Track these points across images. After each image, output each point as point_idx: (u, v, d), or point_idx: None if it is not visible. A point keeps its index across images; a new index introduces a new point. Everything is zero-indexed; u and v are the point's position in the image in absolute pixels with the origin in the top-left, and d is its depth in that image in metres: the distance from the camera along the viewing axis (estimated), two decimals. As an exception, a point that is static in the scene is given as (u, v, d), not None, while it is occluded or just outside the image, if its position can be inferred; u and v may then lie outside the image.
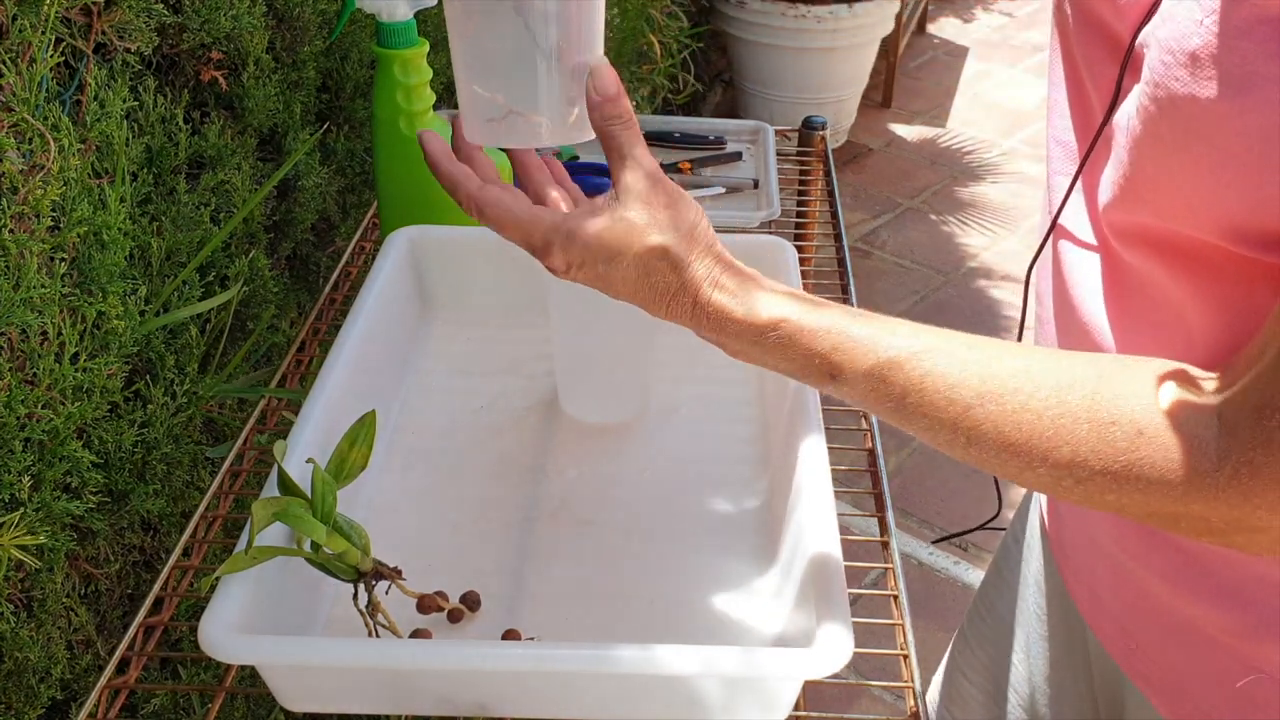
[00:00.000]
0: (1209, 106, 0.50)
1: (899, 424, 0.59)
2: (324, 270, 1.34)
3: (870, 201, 3.27)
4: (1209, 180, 0.52)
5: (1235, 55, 0.49)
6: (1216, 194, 0.52)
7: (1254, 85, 0.48)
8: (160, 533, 1.04)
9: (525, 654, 0.63)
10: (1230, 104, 0.49)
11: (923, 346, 0.57)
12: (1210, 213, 0.53)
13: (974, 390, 0.55)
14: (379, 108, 1.05)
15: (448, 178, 0.63)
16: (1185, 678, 0.68)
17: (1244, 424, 0.50)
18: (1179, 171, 0.53)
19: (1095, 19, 0.61)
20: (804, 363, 0.59)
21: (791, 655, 0.63)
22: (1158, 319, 0.60)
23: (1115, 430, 0.53)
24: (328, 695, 0.67)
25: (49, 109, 0.84)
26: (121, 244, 0.91)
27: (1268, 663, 0.63)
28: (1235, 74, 0.49)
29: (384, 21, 1.01)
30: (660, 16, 2.54)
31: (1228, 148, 0.50)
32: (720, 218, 1.23)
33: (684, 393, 0.95)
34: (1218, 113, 0.50)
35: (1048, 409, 0.54)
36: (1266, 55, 0.48)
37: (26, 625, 0.86)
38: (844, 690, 1.76)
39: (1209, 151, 0.51)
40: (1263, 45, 0.48)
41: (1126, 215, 0.59)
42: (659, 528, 0.81)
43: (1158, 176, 0.55)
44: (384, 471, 0.86)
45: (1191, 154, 0.52)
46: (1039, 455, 0.54)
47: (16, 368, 0.82)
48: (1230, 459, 0.50)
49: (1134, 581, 0.68)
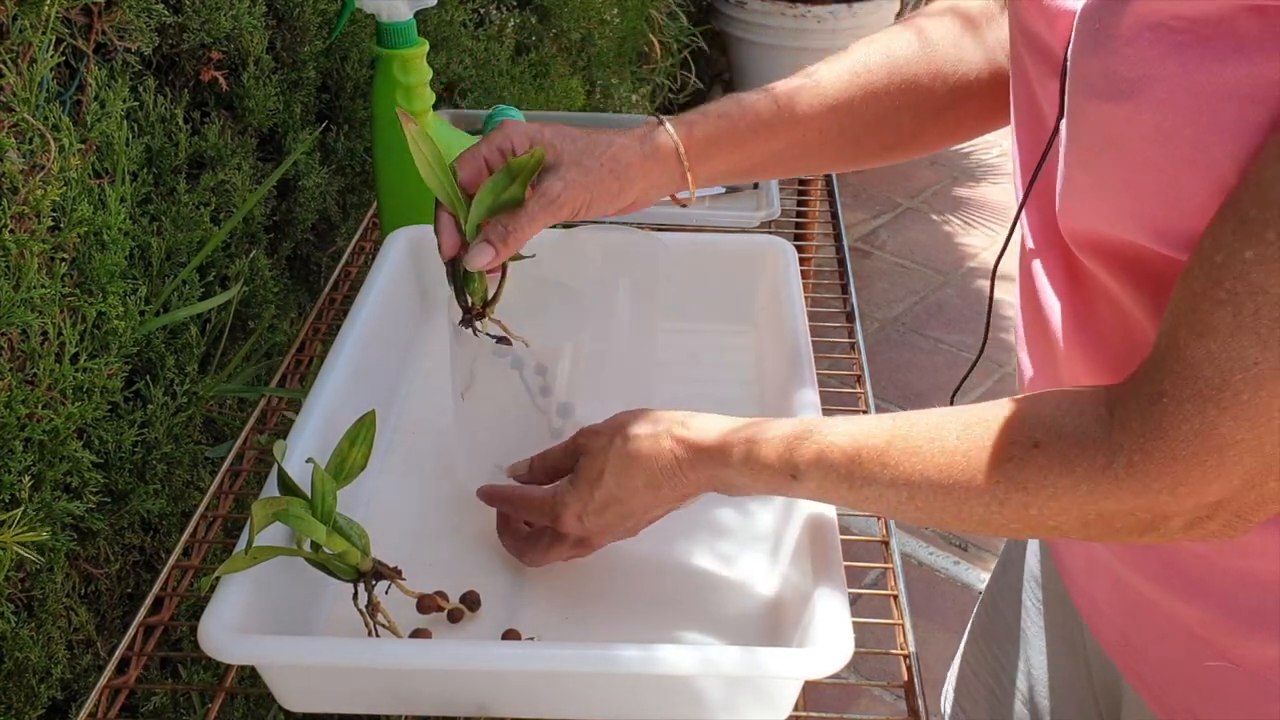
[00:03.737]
0: (1110, 112, 0.52)
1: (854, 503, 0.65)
2: (324, 270, 1.34)
3: (870, 201, 3.27)
4: (1124, 184, 0.54)
5: (1125, 61, 0.51)
6: (1134, 197, 0.54)
7: (1144, 88, 0.50)
8: (160, 532, 1.04)
9: (525, 654, 0.63)
10: (1125, 107, 0.51)
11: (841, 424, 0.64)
12: (1132, 216, 0.55)
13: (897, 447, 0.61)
14: (379, 107, 1.05)
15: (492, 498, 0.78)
16: (1171, 673, 0.69)
17: (1134, 415, 0.53)
18: (1100, 177, 0.55)
19: (1033, 34, 0.62)
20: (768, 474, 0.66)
21: (791, 655, 0.63)
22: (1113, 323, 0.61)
23: (1014, 449, 0.57)
24: (327, 695, 0.67)
25: (49, 109, 0.84)
26: (122, 244, 0.91)
27: (1242, 656, 0.63)
28: (1128, 79, 0.51)
29: (384, 21, 1.01)
30: (660, 17, 2.54)
31: (1133, 150, 0.52)
32: (720, 218, 1.23)
33: (684, 393, 0.95)
34: (1117, 117, 0.52)
35: (959, 446, 0.59)
36: (1151, 59, 0.50)
37: (27, 625, 0.86)
38: (844, 690, 1.75)
39: (1119, 156, 0.53)
40: (1147, 50, 0.50)
41: (1073, 223, 0.60)
42: (659, 528, 0.81)
43: (1086, 183, 0.57)
44: (384, 471, 0.86)
45: (1106, 159, 0.54)
46: (962, 488, 0.59)
47: (17, 368, 0.82)
48: (1123, 451, 0.53)
49: (1130, 587, 0.68)
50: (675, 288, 0.93)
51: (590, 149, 0.72)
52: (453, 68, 1.58)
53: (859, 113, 0.78)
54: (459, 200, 0.71)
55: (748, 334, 1.02)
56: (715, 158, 0.77)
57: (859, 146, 0.80)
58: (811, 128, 0.78)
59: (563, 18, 1.94)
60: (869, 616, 0.73)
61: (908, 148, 0.81)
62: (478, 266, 0.70)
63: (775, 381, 0.89)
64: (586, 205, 0.72)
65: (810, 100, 0.77)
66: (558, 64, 1.88)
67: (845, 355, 1.04)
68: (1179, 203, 0.52)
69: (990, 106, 0.78)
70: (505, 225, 0.70)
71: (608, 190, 0.73)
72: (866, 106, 0.77)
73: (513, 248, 0.71)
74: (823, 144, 0.79)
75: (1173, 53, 0.49)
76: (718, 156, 0.77)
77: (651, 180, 0.75)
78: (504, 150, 0.72)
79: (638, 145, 0.74)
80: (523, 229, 0.70)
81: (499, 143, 0.72)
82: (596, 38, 2.09)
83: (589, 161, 0.72)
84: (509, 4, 1.80)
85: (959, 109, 0.79)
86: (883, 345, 2.64)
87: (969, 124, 0.81)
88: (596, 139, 0.73)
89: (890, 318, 2.75)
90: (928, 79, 0.77)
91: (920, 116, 0.79)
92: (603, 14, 2.08)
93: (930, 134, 0.80)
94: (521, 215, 0.70)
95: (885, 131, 0.79)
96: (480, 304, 0.73)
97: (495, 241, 0.70)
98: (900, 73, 0.77)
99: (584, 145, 0.72)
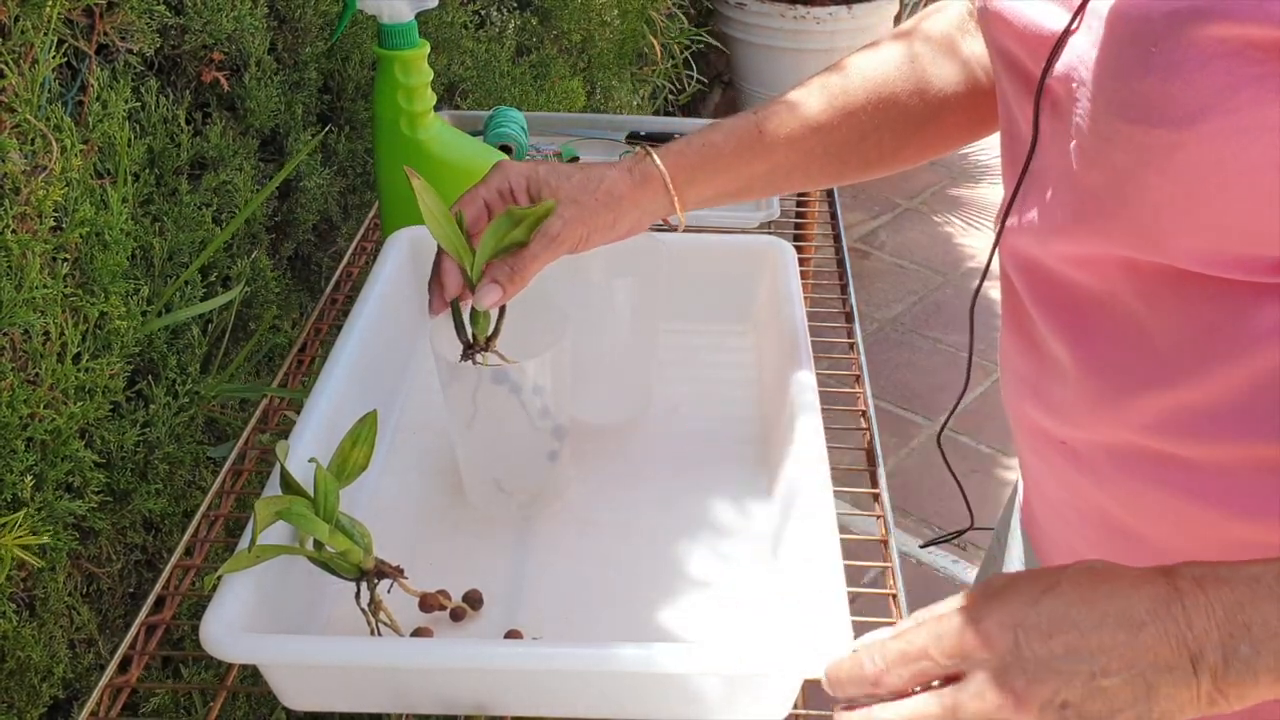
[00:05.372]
0: (1161, 137, 0.51)
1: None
2: (325, 271, 1.35)
3: (869, 202, 3.27)
4: (1166, 209, 0.53)
5: (1190, 87, 0.49)
6: (1174, 223, 0.53)
7: (1209, 116, 0.49)
8: (162, 532, 1.04)
9: (527, 653, 0.64)
10: (1184, 134, 0.50)
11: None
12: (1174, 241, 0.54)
13: None
14: (380, 108, 1.05)
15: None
16: None
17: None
18: (1135, 202, 0.54)
19: (1008, 54, 0.62)
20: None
21: (791, 654, 0.63)
22: (1119, 335, 0.61)
23: None
24: (329, 694, 0.68)
25: (51, 110, 0.84)
26: (124, 244, 0.91)
27: None
28: (1191, 106, 0.50)
29: (385, 23, 1.02)
30: (660, 18, 2.54)
31: (1181, 177, 0.51)
32: (720, 218, 1.24)
33: (684, 393, 0.95)
34: (1168, 142, 0.51)
35: None
36: (1221, 88, 0.49)
37: (29, 624, 0.86)
38: (843, 690, 1.75)
39: (1164, 182, 0.52)
40: (1218, 78, 0.49)
41: (1075, 247, 0.60)
42: (659, 528, 0.82)
43: (1110, 208, 0.56)
44: (386, 470, 0.87)
45: (1147, 184, 0.53)
46: None
47: (19, 368, 0.83)
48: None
49: None
50: (675, 288, 0.94)
51: (585, 185, 0.75)
52: (454, 69, 1.58)
53: (839, 133, 0.79)
54: (464, 246, 0.74)
55: (747, 334, 1.02)
56: (701, 184, 0.79)
57: (843, 164, 0.81)
58: (794, 150, 0.80)
59: (563, 19, 1.94)
60: (868, 615, 0.74)
61: (889, 163, 0.83)
62: (486, 305, 0.73)
63: (774, 381, 0.89)
64: (584, 239, 0.75)
65: (791, 124, 0.79)
66: (558, 65, 1.89)
67: (844, 355, 1.04)
68: (1228, 230, 0.52)
69: (970, 119, 0.80)
70: (510, 265, 0.73)
71: (603, 223, 0.75)
72: (847, 127, 0.79)
73: (519, 286, 0.73)
74: (807, 164, 0.81)
75: (1247, 84, 0.48)
76: (703, 182, 0.79)
77: (643, 209, 0.77)
78: (503, 192, 0.76)
79: (627, 177, 0.77)
80: (527, 268, 0.73)
81: (498, 185, 0.75)
82: (597, 39, 2.10)
83: (584, 198, 0.74)
84: (510, 5, 1.80)
85: (938, 122, 0.80)
86: (882, 345, 2.65)
87: (949, 137, 0.82)
88: (590, 174, 0.76)
89: (889, 318, 2.75)
90: (906, 96, 0.79)
91: (900, 133, 0.80)
92: (603, 16, 2.08)
93: (911, 149, 0.82)
94: (525, 255, 0.73)
95: (867, 148, 0.80)
96: (485, 339, 0.76)
97: (502, 281, 0.73)
98: (878, 92, 0.79)
99: (579, 182, 0.75)
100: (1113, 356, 0.61)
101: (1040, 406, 0.68)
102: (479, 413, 0.77)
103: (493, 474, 0.82)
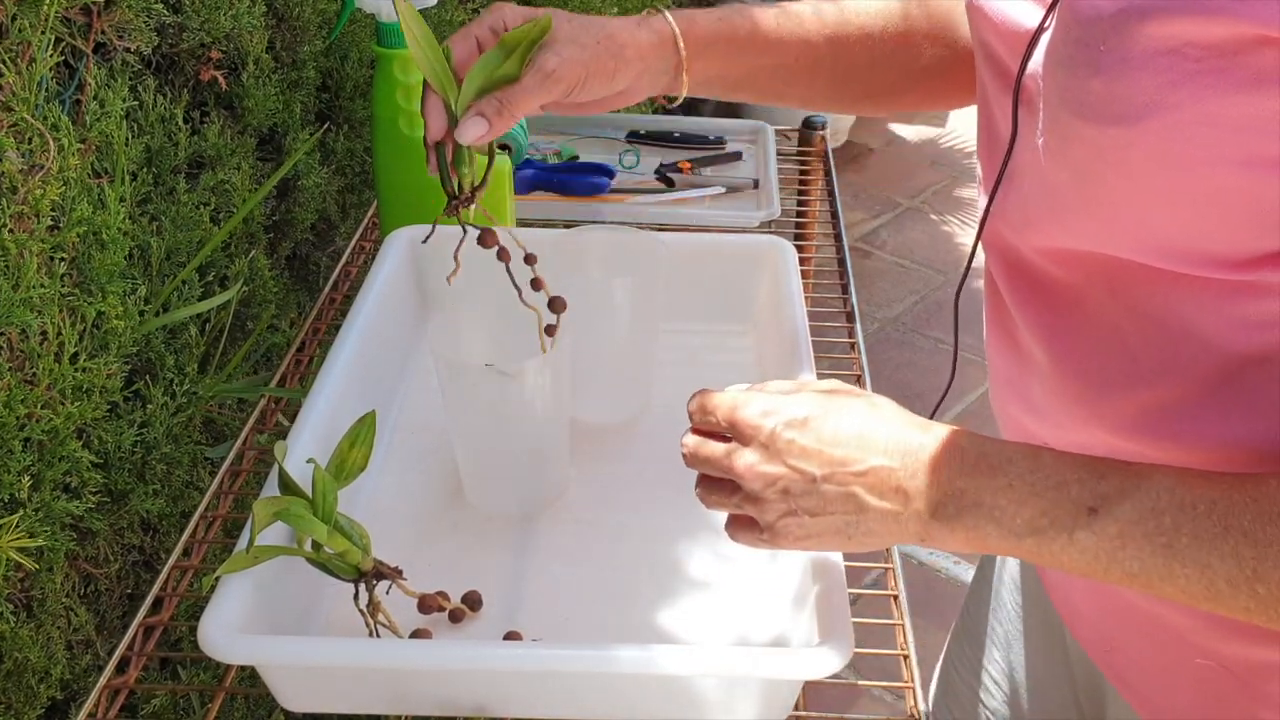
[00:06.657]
0: (1115, 135, 0.51)
1: (1159, 573, 0.51)
2: (324, 270, 1.34)
3: (870, 201, 3.27)
4: (1125, 205, 0.53)
5: (1135, 85, 0.50)
6: (1137, 219, 0.53)
7: (1153, 113, 0.49)
8: (160, 532, 1.04)
9: (527, 654, 0.63)
10: (1131, 131, 0.50)
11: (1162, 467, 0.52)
12: (1132, 236, 0.54)
13: (1259, 509, 0.50)
14: (379, 107, 1.05)
15: None
16: (1159, 677, 0.68)
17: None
18: (1092, 197, 0.55)
19: (989, 48, 0.62)
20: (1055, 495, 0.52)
21: (791, 655, 0.63)
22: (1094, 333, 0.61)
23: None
24: (328, 695, 0.67)
25: (49, 109, 0.84)
26: (121, 244, 0.91)
27: (1233, 659, 0.63)
28: (1137, 103, 0.50)
29: (384, 21, 1.01)
30: (660, 16, 2.54)
31: (1136, 174, 0.52)
32: (720, 218, 1.24)
33: (684, 393, 0.95)
34: (1119, 140, 0.51)
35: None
36: (1163, 85, 0.49)
37: (26, 625, 0.86)
38: (844, 690, 1.75)
39: (1120, 178, 0.53)
40: (1160, 76, 0.49)
41: (1048, 241, 0.60)
42: (659, 528, 0.81)
43: (1075, 205, 0.56)
44: (384, 471, 0.86)
45: (1103, 180, 0.53)
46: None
47: (16, 368, 0.82)
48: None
49: (1109, 589, 0.68)
50: (675, 288, 0.93)
51: (586, 26, 0.71)
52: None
53: (851, 51, 0.78)
54: (450, 81, 0.69)
55: (748, 334, 1.01)
56: (710, 58, 0.75)
57: (844, 86, 0.80)
58: (805, 53, 0.77)
59: (562, 18, 1.94)
60: (869, 616, 0.73)
61: (889, 101, 0.82)
62: (469, 140, 0.68)
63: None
64: (582, 82, 0.70)
65: (809, 26, 0.77)
66: (557, 64, 1.88)
67: (845, 355, 1.04)
68: (1187, 226, 0.52)
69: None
70: (499, 99, 0.68)
71: (604, 69, 0.71)
72: (860, 47, 0.78)
73: (507, 121, 0.68)
74: (812, 72, 0.79)
75: (1185, 80, 0.49)
76: (713, 58, 0.76)
77: (647, 65, 0.73)
78: (496, 29, 0.71)
79: (635, 28, 0.73)
80: (517, 103, 0.68)
81: (491, 22, 0.71)
82: (596, 38, 2.09)
83: (585, 38, 0.70)
84: (509, 4, 1.80)
85: (946, 76, 0.80)
86: (883, 345, 2.64)
87: (953, 94, 0.81)
88: (593, 18, 0.72)
89: (890, 317, 2.75)
90: (921, 39, 0.78)
91: (908, 74, 0.79)
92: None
93: (916, 93, 0.81)
94: (516, 89, 0.68)
95: (874, 77, 0.79)
96: (470, 190, 0.71)
97: (489, 114, 0.68)
98: (897, 26, 0.78)
99: (580, 22, 0.71)
100: (1088, 354, 0.61)
101: (1022, 406, 0.68)
102: (479, 413, 0.77)
103: (492, 474, 0.82)
